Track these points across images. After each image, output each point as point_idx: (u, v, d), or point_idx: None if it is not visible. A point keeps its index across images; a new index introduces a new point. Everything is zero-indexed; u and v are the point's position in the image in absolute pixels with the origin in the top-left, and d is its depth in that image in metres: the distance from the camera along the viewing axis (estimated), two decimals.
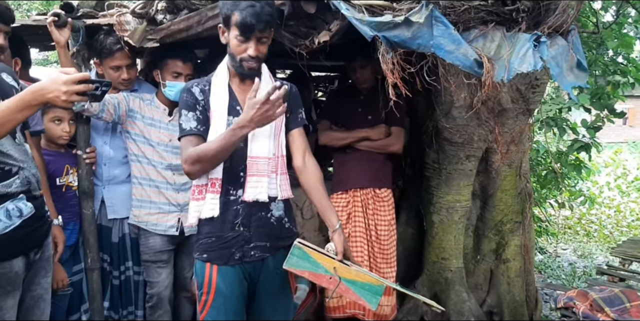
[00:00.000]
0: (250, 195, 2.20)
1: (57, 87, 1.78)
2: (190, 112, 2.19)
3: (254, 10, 2.04)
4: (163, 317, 3.00)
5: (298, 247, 2.11)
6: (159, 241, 2.96)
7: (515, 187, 3.92)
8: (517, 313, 3.90)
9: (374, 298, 2.00)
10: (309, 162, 2.34)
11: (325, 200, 2.30)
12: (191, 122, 2.18)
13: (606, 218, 9.95)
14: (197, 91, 2.21)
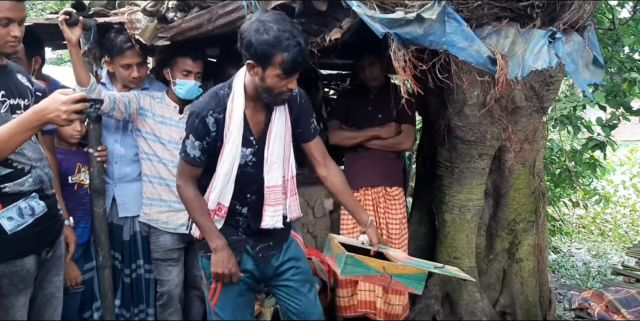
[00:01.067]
0: (269, 223, 2.26)
1: (56, 107, 1.85)
2: (197, 140, 2.17)
3: (300, 49, 1.97)
4: (174, 315, 2.99)
5: (350, 256, 2.24)
6: (169, 239, 2.96)
7: (529, 186, 3.87)
8: (530, 314, 3.86)
9: (419, 284, 2.24)
10: (331, 167, 2.39)
11: (354, 200, 2.40)
12: (196, 150, 2.18)
13: (621, 218, 9.83)
14: (211, 122, 2.15)
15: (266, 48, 1.95)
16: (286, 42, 1.94)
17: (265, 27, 1.95)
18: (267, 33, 1.94)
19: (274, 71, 2.00)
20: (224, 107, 2.15)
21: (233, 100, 2.14)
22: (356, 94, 3.80)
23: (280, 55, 1.96)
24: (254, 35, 1.96)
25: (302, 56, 1.98)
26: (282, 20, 1.98)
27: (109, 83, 3.15)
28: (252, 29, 1.97)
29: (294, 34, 1.96)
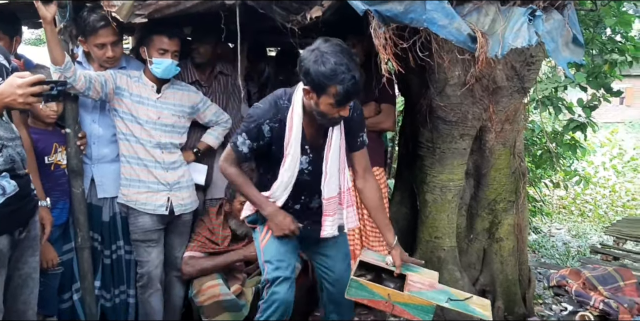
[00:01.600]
0: (328, 233, 2.47)
1: (12, 91, 1.86)
2: (248, 140, 2.32)
3: (354, 83, 2.08)
4: (154, 296, 2.98)
5: (355, 280, 2.34)
6: (148, 220, 2.93)
7: (509, 166, 3.89)
8: (510, 292, 3.91)
9: (427, 315, 2.23)
10: (369, 181, 2.50)
11: (385, 219, 2.49)
12: (246, 147, 2.34)
13: (601, 198, 9.97)
14: (267, 129, 2.30)
15: (322, 79, 2.07)
16: (342, 76, 2.05)
17: (324, 59, 2.06)
18: (324, 65, 2.06)
19: (327, 100, 2.12)
20: (281, 118, 2.28)
21: (293, 115, 2.27)
22: None
23: (335, 88, 2.07)
24: (313, 65, 2.08)
25: (355, 89, 2.10)
26: (341, 53, 2.08)
27: (86, 62, 3.08)
28: (312, 59, 2.09)
29: (350, 68, 2.06)
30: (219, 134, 3.27)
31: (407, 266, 2.52)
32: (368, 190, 2.49)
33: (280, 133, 2.32)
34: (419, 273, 2.49)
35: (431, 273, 2.55)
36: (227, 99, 3.48)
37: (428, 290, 2.33)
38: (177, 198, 2.99)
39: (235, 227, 3.19)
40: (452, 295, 2.32)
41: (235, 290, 3.10)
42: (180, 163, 3.05)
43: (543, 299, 5.98)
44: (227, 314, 3.05)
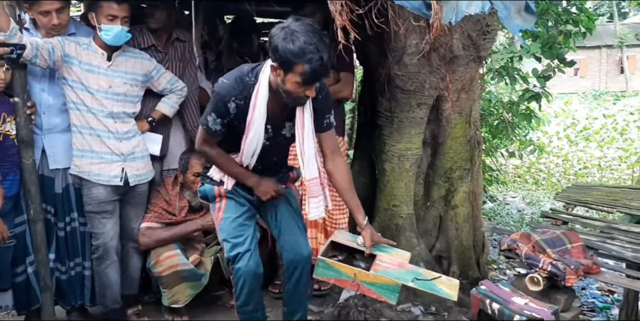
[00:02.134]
0: (315, 215, 2.50)
1: None
2: (219, 118, 2.33)
3: (321, 64, 2.08)
4: (110, 268, 2.95)
5: (322, 260, 2.38)
6: (102, 191, 2.88)
7: (465, 135, 3.95)
8: (464, 257, 4.02)
9: (393, 294, 2.27)
10: (338, 164, 2.51)
11: (356, 200, 2.50)
12: (217, 125, 2.35)
13: (554, 167, 10.28)
14: (232, 106, 2.30)
15: (290, 57, 2.07)
16: (309, 55, 2.05)
17: (293, 37, 2.06)
18: (293, 43, 2.06)
19: (294, 78, 2.12)
20: (246, 94, 2.28)
21: (258, 93, 2.27)
22: None
23: (302, 66, 2.07)
24: (282, 42, 2.08)
25: (322, 69, 2.10)
26: (311, 33, 2.08)
27: (33, 28, 2.96)
28: (281, 36, 2.09)
29: (319, 48, 2.06)
30: (174, 102, 3.21)
31: (379, 247, 2.54)
32: (338, 171, 2.50)
33: (245, 110, 2.32)
34: (389, 254, 2.50)
35: (403, 253, 2.57)
36: (184, 66, 3.41)
37: (396, 270, 2.34)
38: (131, 169, 2.93)
39: (190, 199, 3.16)
40: (420, 274, 2.34)
41: (193, 259, 3.10)
42: (134, 133, 2.99)
43: (498, 264, 6.18)
44: (186, 284, 3.05)
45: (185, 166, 3.14)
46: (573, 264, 2.55)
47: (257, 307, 2.52)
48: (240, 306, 2.48)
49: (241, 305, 2.48)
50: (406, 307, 3.44)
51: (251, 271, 2.38)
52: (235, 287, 2.44)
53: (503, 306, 2.39)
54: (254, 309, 2.51)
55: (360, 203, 2.55)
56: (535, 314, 2.30)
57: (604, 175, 9.40)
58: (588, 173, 9.64)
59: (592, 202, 3.67)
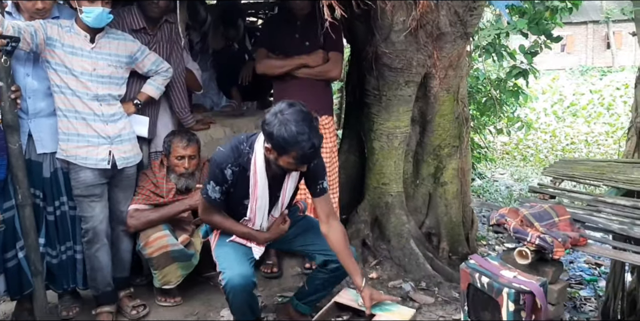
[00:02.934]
0: None
1: None
2: (217, 186, 2.48)
3: (313, 150, 2.25)
4: (101, 251, 2.94)
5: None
6: (90, 175, 2.86)
7: (453, 112, 3.97)
8: (454, 233, 4.06)
9: None
10: (332, 227, 2.57)
11: (352, 263, 2.53)
12: (216, 193, 2.50)
13: (542, 143, 10.35)
14: (229, 173, 2.46)
15: (284, 144, 2.24)
16: (302, 144, 2.22)
17: (287, 127, 2.22)
18: (286, 132, 2.21)
19: (287, 160, 2.30)
20: (242, 163, 2.45)
21: (256, 162, 2.45)
22: (282, 22, 3.68)
23: (295, 152, 2.25)
24: (276, 130, 2.23)
25: (314, 154, 2.28)
26: (302, 121, 2.24)
27: (15, 12, 2.89)
28: (275, 124, 2.24)
29: (310, 136, 2.22)
30: (160, 84, 3.18)
31: (382, 306, 2.56)
32: (333, 235, 2.56)
33: (242, 177, 2.48)
34: (390, 312, 2.51)
35: (406, 311, 2.58)
36: (171, 48, 3.37)
37: None
38: (119, 152, 2.92)
39: (175, 182, 3.15)
40: None
41: (183, 240, 3.10)
42: (120, 116, 2.96)
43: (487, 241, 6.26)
44: (177, 264, 3.06)
45: (168, 149, 3.13)
46: (560, 237, 2.58)
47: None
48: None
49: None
50: (397, 283, 3.48)
51: (236, 285, 2.42)
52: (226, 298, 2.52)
53: (492, 280, 2.42)
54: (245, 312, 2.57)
55: (353, 263, 2.57)
56: (524, 286, 2.33)
57: (590, 150, 9.49)
58: (575, 149, 9.72)
59: (579, 176, 3.70)
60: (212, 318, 3.03)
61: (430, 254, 3.84)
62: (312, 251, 2.65)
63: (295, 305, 2.81)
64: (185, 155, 3.11)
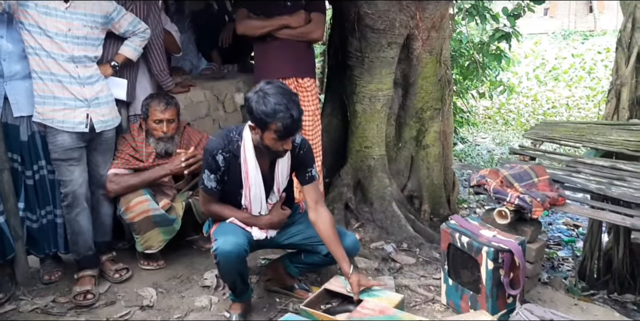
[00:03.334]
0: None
1: None
2: (212, 174, 2.52)
3: (292, 121, 2.29)
4: (81, 216, 2.91)
5: (303, 310, 2.45)
6: (67, 138, 2.80)
7: (436, 74, 3.95)
8: (435, 196, 4.11)
9: None
10: (320, 214, 2.59)
11: (340, 250, 2.54)
12: (212, 182, 2.53)
13: (524, 107, 10.41)
14: (221, 159, 2.50)
15: (264, 117, 2.30)
16: (280, 114, 2.27)
17: (265, 99, 2.29)
18: (265, 105, 2.28)
19: (270, 135, 2.35)
20: (232, 149, 2.51)
21: (245, 149, 2.50)
22: None
23: (275, 124, 2.30)
24: (255, 104, 2.31)
25: (294, 125, 2.31)
26: (281, 95, 2.30)
27: None
28: (254, 99, 2.32)
29: (289, 107, 2.28)
30: (137, 45, 3.10)
31: (370, 291, 2.56)
32: (321, 222, 2.57)
33: (234, 164, 2.52)
34: (378, 298, 2.51)
35: (392, 296, 2.57)
36: (148, 8, 3.26)
37: (374, 316, 2.36)
38: (96, 115, 2.86)
39: (154, 145, 3.11)
40: (399, 318, 2.35)
41: (164, 204, 3.08)
42: (97, 78, 2.89)
43: (468, 203, 6.34)
44: (159, 229, 3.05)
45: (146, 113, 3.07)
46: (539, 197, 2.62)
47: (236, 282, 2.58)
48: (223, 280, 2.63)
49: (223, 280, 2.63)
50: (379, 245, 3.53)
51: (227, 251, 2.41)
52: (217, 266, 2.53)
53: (472, 239, 2.46)
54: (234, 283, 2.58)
55: (341, 251, 2.55)
56: (503, 245, 2.37)
57: (571, 114, 9.57)
58: (556, 113, 9.80)
59: (559, 138, 3.73)
60: (196, 280, 3.05)
61: (412, 216, 3.88)
62: (316, 243, 2.66)
63: (287, 266, 2.83)
64: (163, 118, 3.06)
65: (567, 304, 2.72)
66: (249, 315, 2.65)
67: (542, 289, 2.90)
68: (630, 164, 3.20)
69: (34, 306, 2.78)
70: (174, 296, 2.89)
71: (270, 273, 2.94)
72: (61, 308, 2.79)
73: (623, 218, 2.57)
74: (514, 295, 2.45)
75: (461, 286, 2.58)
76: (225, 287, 2.93)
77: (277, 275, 2.90)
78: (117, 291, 2.95)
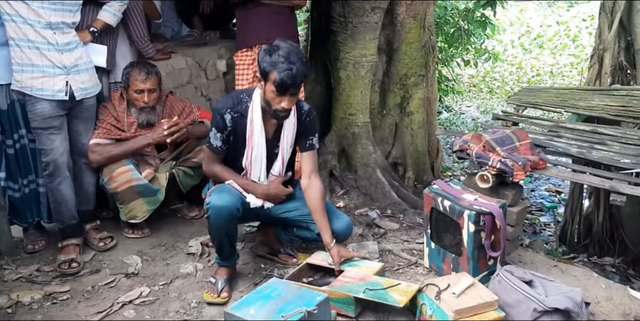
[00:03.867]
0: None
1: None
2: (218, 132, 2.57)
3: (290, 73, 2.34)
4: (63, 184, 2.88)
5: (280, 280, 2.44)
6: (47, 106, 2.76)
7: (420, 40, 3.92)
8: (419, 162, 4.13)
9: (349, 307, 2.35)
10: (313, 182, 2.65)
11: (324, 220, 2.59)
12: (218, 141, 2.58)
13: (508, 75, 10.40)
14: (229, 118, 2.54)
15: (265, 66, 2.39)
16: (280, 65, 2.35)
17: (272, 51, 2.39)
18: (270, 56, 2.38)
19: (270, 87, 2.40)
20: (241, 109, 2.55)
21: (253, 110, 2.55)
22: None
23: (274, 75, 2.36)
24: (262, 54, 2.41)
25: (292, 79, 2.35)
26: (288, 49, 2.38)
27: None
28: (264, 51, 2.42)
29: (291, 61, 2.35)
30: (116, 11, 3.02)
31: (351, 262, 2.60)
32: (312, 191, 2.61)
33: (241, 125, 2.55)
34: (358, 267, 2.56)
35: (372, 265, 2.61)
36: None
37: (354, 284, 2.40)
38: (76, 82, 2.81)
39: (136, 116, 3.07)
40: (378, 284, 2.37)
41: (147, 174, 3.06)
42: (76, 44, 2.83)
43: (452, 171, 6.39)
44: (142, 199, 3.03)
45: (126, 82, 3.02)
46: (521, 160, 2.64)
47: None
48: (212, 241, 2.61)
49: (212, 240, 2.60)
50: (363, 211, 3.56)
51: (219, 206, 2.43)
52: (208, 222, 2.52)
53: (454, 203, 2.49)
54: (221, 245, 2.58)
55: (325, 222, 2.58)
56: (484, 208, 2.40)
57: (555, 82, 9.58)
58: (540, 81, 9.80)
59: (542, 104, 3.75)
60: (181, 248, 3.06)
61: (396, 183, 3.90)
62: (310, 221, 2.68)
63: (278, 232, 2.85)
64: (144, 88, 3.02)
65: (547, 266, 2.78)
66: (234, 280, 2.68)
67: (523, 252, 2.96)
68: (611, 128, 3.24)
69: (19, 275, 2.78)
70: (159, 264, 2.91)
71: (260, 235, 2.97)
72: (46, 276, 2.80)
73: (602, 181, 2.61)
74: (495, 257, 2.49)
75: (443, 249, 2.62)
76: (210, 254, 2.96)
77: (267, 239, 2.92)
78: (102, 259, 2.96)
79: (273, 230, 2.87)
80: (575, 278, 2.66)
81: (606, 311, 2.42)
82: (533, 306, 2.15)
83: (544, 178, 6.13)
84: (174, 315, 2.45)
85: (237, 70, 3.53)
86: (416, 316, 2.29)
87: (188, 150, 3.26)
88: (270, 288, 2.23)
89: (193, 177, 3.25)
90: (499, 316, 2.18)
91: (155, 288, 2.67)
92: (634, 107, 3.47)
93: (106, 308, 2.50)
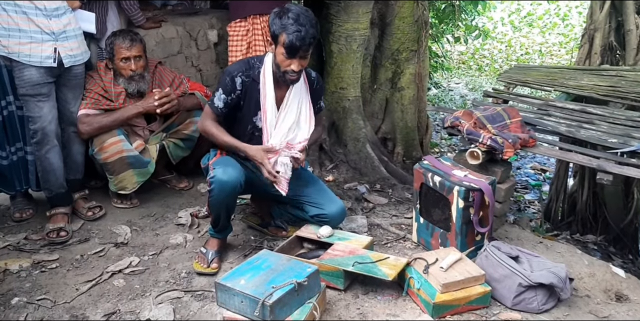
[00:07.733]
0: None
1: None
2: (223, 94, 2.56)
3: (299, 35, 2.34)
4: (51, 153, 2.85)
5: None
6: (35, 73, 2.70)
7: (413, 15, 3.89)
8: (409, 138, 4.14)
9: (339, 280, 2.37)
10: (317, 127, 2.76)
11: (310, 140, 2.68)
12: (220, 102, 2.56)
13: (497, 53, 10.39)
14: (239, 82, 2.55)
15: (276, 28, 2.40)
16: (290, 27, 2.35)
17: (283, 13, 2.40)
18: (281, 18, 2.39)
19: (280, 49, 2.42)
20: (252, 75, 2.56)
21: (265, 74, 2.56)
22: None
23: (283, 37, 2.37)
24: (273, 17, 2.43)
25: (301, 42, 2.35)
26: (300, 13, 2.38)
27: None
28: (275, 13, 2.43)
29: (301, 23, 2.35)
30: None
31: (343, 235, 2.63)
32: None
33: (251, 90, 2.56)
34: (349, 241, 2.58)
35: (362, 239, 2.62)
36: None
37: (343, 257, 2.42)
38: (65, 49, 2.75)
39: (126, 86, 3.02)
40: (367, 258, 2.39)
41: (137, 146, 3.03)
42: (64, 10, 2.76)
43: (440, 147, 6.43)
44: (133, 171, 3.01)
45: (111, 52, 2.96)
46: (511, 138, 2.66)
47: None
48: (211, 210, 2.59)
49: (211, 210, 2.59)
50: (352, 186, 3.57)
51: (224, 181, 2.43)
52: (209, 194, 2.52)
53: (444, 179, 2.51)
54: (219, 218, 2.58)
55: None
56: (474, 184, 2.43)
57: (544, 61, 9.60)
58: (529, 59, 9.81)
59: (532, 82, 3.76)
60: (170, 219, 3.06)
61: (385, 158, 3.92)
62: (307, 202, 2.70)
63: (272, 205, 2.86)
64: (130, 56, 2.96)
65: (532, 242, 2.83)
66: (224, 252, 2.69)
67: (510, 228, 3.01)
68: (599, 108, 3.27)
69: (6, 243, 2.77)
70: (148, 234, 2.91)
71: (255, 205, 2.99)
72: (34, 245, 2.79)
73: (590, 160, 2.64)
74: (483, 233, 2.53)
75: (432, 224, 2.65)
76: (199, 225, 2.96)
77: (260, 210, 2.95)
78: (91, 228, 2.95)
79: (267, 204, 2.88)
80: (560, 254, 2.71)
81: (589, 286, 2.47)
82: (518, 281, 2.20)
83: (530, 156, 6.19)
84: (163, 284, 2.46)
85: (231, 41, 3.47)
86: (404, 290, 2.33)
87: (178, 121, 3.23)
88: (261, 260, 2.24)
89: (183, 148, 3.23)
90: (486, 291, 2.23)
91: (144, 258, 2.68)
92: (622, 87, 3.50)
93: (95, 277, 2.51)
